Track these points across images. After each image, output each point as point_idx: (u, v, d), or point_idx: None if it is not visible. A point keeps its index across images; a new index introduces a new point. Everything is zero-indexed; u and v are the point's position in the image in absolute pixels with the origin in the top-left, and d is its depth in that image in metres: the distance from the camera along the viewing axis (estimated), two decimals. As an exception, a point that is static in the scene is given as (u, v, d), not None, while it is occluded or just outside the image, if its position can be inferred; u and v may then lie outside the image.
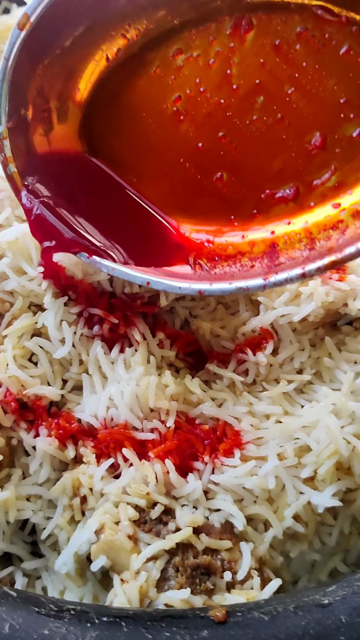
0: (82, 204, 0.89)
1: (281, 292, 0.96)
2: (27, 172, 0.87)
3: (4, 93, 0.84)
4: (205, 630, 0.60)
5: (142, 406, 0.88)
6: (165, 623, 0.61)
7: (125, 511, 0.79)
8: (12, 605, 0.61)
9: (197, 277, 0.86)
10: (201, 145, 0.84)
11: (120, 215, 0.91)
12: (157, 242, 0.91)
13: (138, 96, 0.88)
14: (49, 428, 0.87)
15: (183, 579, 0.74)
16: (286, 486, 0.83)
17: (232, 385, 0.97)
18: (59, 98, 0.89)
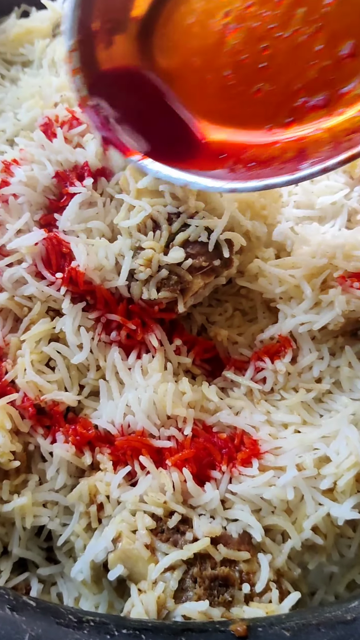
0: (135, 115, 0.94)
1: (300, 300, 0.95)
2: (92, 86, 0.92)
3: (75, 5, 0.88)
4: (227, 646, 0.59)
5: (159, 413, 0.88)
6: (185, 637, 0.60)
7: (143, 520, 0.78)
8: (32, 616, 0.60)
9: (231, 179, 0.90)
10: (244, 58, 0.89)
11: (166, 124, 0.96)
12: (199, 150, 0.95)
13: (191, 12, 0.92)
14: (66, 434, 0.87)
15: (201, 590, 0.73)
16: (305, 497, 0.82)
17: (249, 393, 0.96)
18: (120, 14, 0.93)
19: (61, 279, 0.91)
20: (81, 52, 0.91)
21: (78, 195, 0.97)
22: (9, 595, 0.63)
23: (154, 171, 0.90)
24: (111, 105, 0.93)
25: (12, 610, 0.60)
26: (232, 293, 1.06)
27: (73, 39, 0.90)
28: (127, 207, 0.96)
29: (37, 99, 1.17)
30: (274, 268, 0.97)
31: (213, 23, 0.91)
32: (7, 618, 0.59)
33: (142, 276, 0.92)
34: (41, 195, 1.01)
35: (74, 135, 1.07)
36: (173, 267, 0.92)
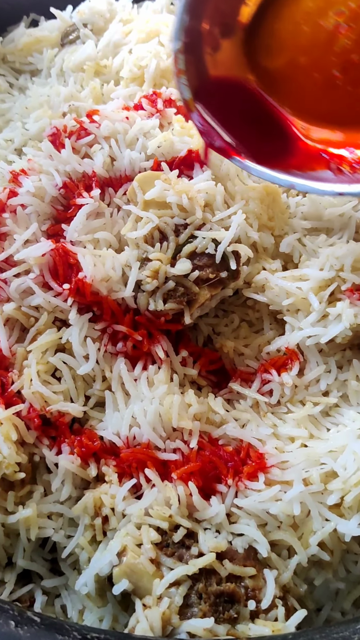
0: (236, 118, 0.97)
1: (308, 312, 0.95)
2: (196, 90, 0.93)
3: (185, 7, 0.87)
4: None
5: (165, 425, 0.87)
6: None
7: (148, 534, 0.78)
8: (36, 632, 0.60)
9: (338, 181, 0.91)
10: (355, 58, 0.89)
11: (267, 126, 0.97)
12: (301, 150, 0.96)
13: (301, 11, 0.91)
14: (72, 445, 0.86)
15: (206, 606, 0.72)
16: (312, 513, 0.82)
17: (255, 405, 0.95)
18: (229, 18, 0.93)
19: (68, 289, 0.91)
20: (187, 54, 0.91)
21: (85, 206, 0.97)
22: (14, 610, 0.63)
23: (258, 171, 0.92)
24: (214, 109, 0.94)
25: (17, 626, 0.60)
26: (238, 304, 1.05)
27: (181, 40, 0.89)
28: (135, 218, 0.96)
29: (46, 108, 1.17)
30: (281, 280, 0.96)
31: (324, 22, 0.90)
32: (11, 634, 0.59)
33: (149, 287, 0.92)
34: (49, 205, 1.01)
35: (82, 146, 1.07)
36: (180, 279, 0.92)
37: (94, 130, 1.07)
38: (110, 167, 1.06)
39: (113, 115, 1.10)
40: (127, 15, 1.38)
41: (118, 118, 1.10)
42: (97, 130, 1.07)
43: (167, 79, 1.24)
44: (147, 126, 1.09)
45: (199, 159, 1.05)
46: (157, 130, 1.09)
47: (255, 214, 1.02)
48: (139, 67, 1.24)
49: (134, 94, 1.22)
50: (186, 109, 0.95)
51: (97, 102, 1.22)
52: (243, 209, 1.00)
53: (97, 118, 1.09)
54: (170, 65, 1.25)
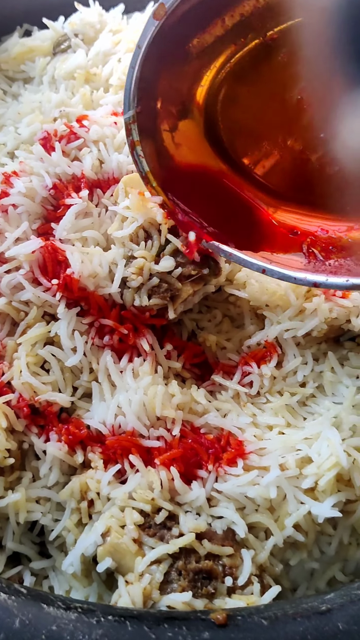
0: (201, 201, 0.94)
1: (286, 307, 1.00)
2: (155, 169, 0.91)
3: (135, 79, 0.86)
4: (207, 632, 0.62)
5: (149, 414, 0.91)
6: (168, 624, 0.63)
7: (131, 515, 0.82)
8: (22, 602, 0.64)
9: (311, 269, 0.88)
10: (323, 136, 0.85)
11: (235, 208, 0.95)
12: (272, 231, 0.94)
13: (257, 91, 0.90)
14: (59, 433, 0.90)
15: (185, 582, 0.76)
16: (287, 496, 0.86)
17: (236, 396, 1.00)
18: (184, 98, 0.91)
19: (57, 285, 0.95)
20: (140, 125, 0.89)
21: (74, 205, 1.02)
22: (2, 583, 0.66)
23: (227, 253, 0.90)
24: (176, 190, 0.92)
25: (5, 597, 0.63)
26: (221, 300, 1.10)
27: (133, 109, 0.88)
28: (120, 218, 1.01)
29: (37, 113, 1.22)
30: (261, 277, 1.01)
31: (287, 98, 0.86)
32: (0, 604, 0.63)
33: (134, 284, 0.97)
34: (39, 205, 1.05)
35: (72, 149, 1.12)
36: (163, 275, 0.97)
37: (83, 135, 1.12)
38: (98, 170, 1.11)
39: (102, 120, 1.15)
40: (116, 26, 1.44)
41: (107, 123, 1.15)
42: (87, 135, 1.12)
43: (155, 87, 1.29)
44: (134, 131, 1.13)
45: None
46: (144, 134, 1.14)
47: (237, 214, 1.07)
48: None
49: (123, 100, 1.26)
50: (145, 183, 0.93)
51: (87, 108, 1.27)
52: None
53: (86, 123, 1.15)
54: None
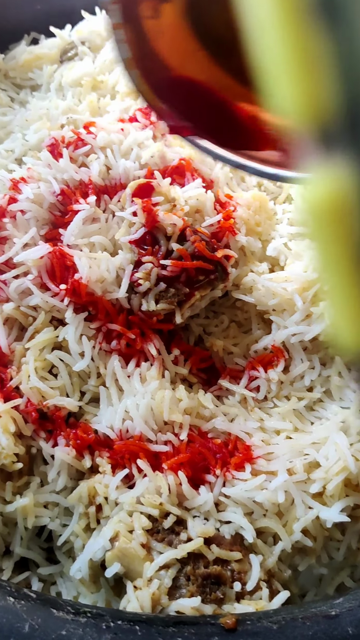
0: (180, 96, 0.89)
1: (293, 312, 1.00)
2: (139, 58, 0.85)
3: None
4: (216, 636, 0.62)
5: (156, 419, 0.91)
6: (176, 628, 0.63)
7: (139, 520, 0.82)
8: (32, 606, 0.64)
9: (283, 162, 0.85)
10: None
11: (213, 103, 0.90)
12: (251, 131, 0.89)
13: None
14: (67, 438, 0.91)
15: (194, 587, 0.76)
16: (295, 501, 0.86)
17: (243, 400, 1.00)
18: None
19: (65, 290, 0.96)
20: (122, 7, 0.81)
21: (82, 211, 1.03)
22: (11, 587, 0.66)
23: (207, 150, 0.87)
24: (156, 82, 0.87)
25: (14, 601, 0.64)
26: (228, 305, 1.10)
27: None
28: (128, 223, 1.01)
29: (45, 120, 1.23)
30: (268, 281, 1.01)
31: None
32: (9, 608, 0.63)
33: (142, 289, 0.97)
34: (47, 211, 1.06)
35: (79, 155, 1.13)
36: (171, 281, 0.97)
37: (90, 141, 1.13)
38: (105, 176, 1.11)
39: (109, 126, 1.16)
40: (123, 34, 1.45)
41: (113, 129, 1.16)
42: (94, 141, 1.13)
43: (161, 93, 1.30)
44: (141, 137, 1.14)
45: (190, 168, 1.11)
46: (150, 141, 1.15)
47: (243, 219, 1.07)
48: (133, 82, 1.30)
49: (129, 107, 1.28)
50: (126, 69, 0.86)
51: (94, 115, 1.28)
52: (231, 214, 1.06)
53: (93, 129, 1.15)
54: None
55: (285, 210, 1.16)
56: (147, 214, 0.97)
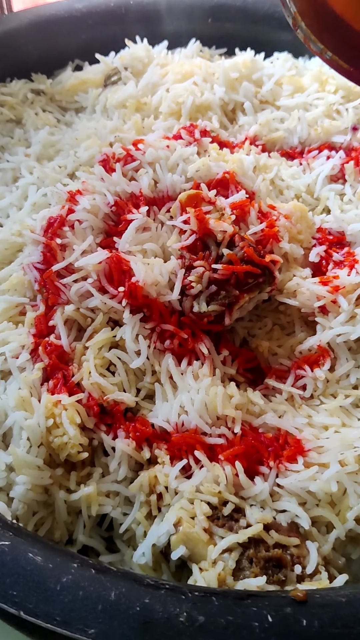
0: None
1: (337, 314, 1.05)
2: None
3: None
4: (289, 607, 0.66)
5: (210, 413, 0.96)
6: (251, 599, 0.67)
7: (200, 507, 0.86)
8: (115, 577, 0.68)
9: None
10: None
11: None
12: None
13: None
14: (127, 431, 0.95)
15: (257, 569, 0.80)
16: (348, 490, 0.89)
17: (290, 398, 1.04)
18: None
19: (122, 292, 1.01)
20: None
21: (135, 220, 1.09)
22: (93, 561, 0.71)
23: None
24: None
25: (98, 572, 0.68)
26: (271, 309, 1.15)
27: None
28: (178, 231, 1.08)
29: (94, 139, 1.31)
30: (312, 285, 1.07)
31: None
32: (94, 578, 0.67)
33: (194, 291, 1.03)
34: (102, 221, 1.13)
35: (129, 170, 1.20)
36: (221, 283, 1.03)
37: (139, 157, 1.20)
38: (154, 189, 1.18)
39: (156, 143, 1.24)
40: (163, 60, 1.55)
41: (160, 146, 1.23)
42: (142, 157, 1.20)
43: (202, 114, 1.39)
44: (186, 153, 1.22)
45: (234, 180, 1.18)
46: (195, 156, 1.22)
47: (286, 227, 1.13)
48: (176, 103, 1.39)
49: (172, 126, 1.36)
50: (292, 26, 0.97)
51: (139, 134, 1.36)
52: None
53: (141, 146, 1.23)
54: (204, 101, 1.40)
55: (324, 220, 1.22)
56: (199, 221, 1.03)
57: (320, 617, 0.64)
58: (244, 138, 1.38)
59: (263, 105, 1.47)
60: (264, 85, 1.48)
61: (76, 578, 0.66)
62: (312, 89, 1.45)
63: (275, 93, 1.47)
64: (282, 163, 1.34)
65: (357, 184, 1.26)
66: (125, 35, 1.58)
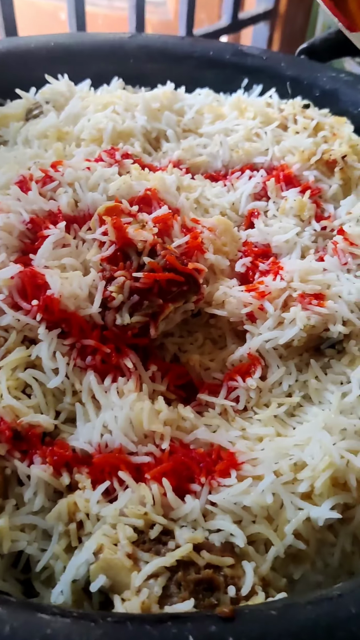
0: None
1: (265, 320, 1.02)
2: None
3: None
4: (213, 625, 0.57)
5: (136, 430, 0.89)
6: (171, 622, 0.58)
7: (124, 531, 0.77)
8: (13, 609, 0.57)
9: None
10: None
11: None
12: None
13: None
14: (43, 456, 0.86)
15: (186, 593, 0.71)
16: (284, 502, 0.83)
17: (224, 412, 0.98)
18: None
19: (37, 306, 0.95)
20: None
21: (52, 235, 1.05)
22: (-13, 595, 0.60)
23: None
24: None
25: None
26: (201, 324, 1.11)
27: None
28: (97, 244, 1.03)
29: (13, 164, 1.27)
30: (238, 292, 1.03)
31: None
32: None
33: (115, 303, 0.97)
34: (17, 239, 1.07)
35: (47, 191, 1.16)
36: (144, 293, 0.98)
37: (58, 177, 1.17)
38: (74, 208, 1.15)
39: (75, 165, 1.22)
40: (84, 94, 1.56)
41: (80, 167, 1.21)
42: (61, 177, 1.17)
43: (124, 140, 1.39)
44: (107, 173, 1.19)
45: (156, 197, 1.16)
46: (116, 176, 1.20)
47: (210, 239, 1.11)
48: (97, 130, 1.38)
49: (94, 152, 1.34)
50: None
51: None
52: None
53: (60, 168, 1.20)
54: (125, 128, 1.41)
55: (249, 234, 1.21)
56: (117, 230, 1.00)
57: (248, 635, 0.56)
58: (168, 162, 1.38)
59: (186, 133, 1.49)
60: (185, 115, 1.50)
61: (-36, 615, 0.56)
62: (232, 116, 1.48)
63: (197, 121, 1.49)
64: (206, 184, 1.33)
65: (279, 200, 1.27)
66: (48, 75, 1.59)
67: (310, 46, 1.89)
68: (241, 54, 1.80)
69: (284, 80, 1.71)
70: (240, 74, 1.76)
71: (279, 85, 1.68)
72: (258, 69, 1.76)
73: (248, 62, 1.77)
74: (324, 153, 1.31)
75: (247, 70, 1.76)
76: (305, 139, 1.37)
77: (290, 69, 1.75)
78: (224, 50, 1.82)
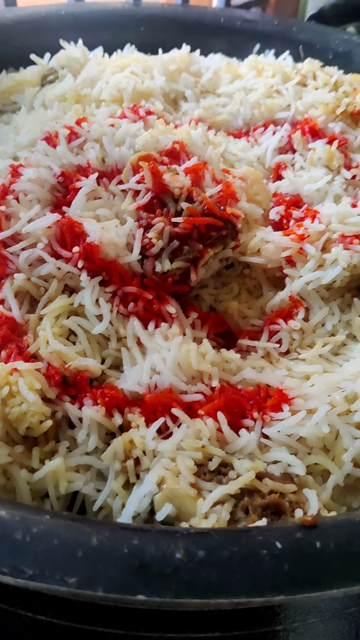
0: None
1: (305, 262, 1.01)
2: None
3: None
4: (298, 532, 0.57)
5: (185, 371, 0.88)
6: (255, 531, 0.58)
7: (184, 462, 0.76)
8: (96, 524, 0.57)
9: None
10: None
11: None
12: None
13: None
14: (94, 398, 0.86)
15: (255, 517, 0.70)
16: (340, 432, 0.82)
17: (267, 356, 0.98)
18: None
19: (78, 253, 0.94)
20: None
21: (85, 187, 1.03)
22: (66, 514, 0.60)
23: None
24: None
25: (75, 521, 0.57)
26: (235, 275, 1.10)
27: None
28: (132, 194, 1.02)
29: (35, 123, 1.26)
30: (277, 237, 1.03)
31: None
32: (71, 526, 0.56)
33: (155, 249, 0.97)
34: (49, 193, 1.06)
35: (74, 147, 1.15)
36: (183, 238, 0.97)
37: (84, 134, 1.16)
38: (102, 164, 1.13)
39: (100, 121, 1.20)
40: (100, 59, 1.54)
41: (105, 124, 1.20)
42: (87, 134, 1.16)
43: (145, 99, 1.38)
44: (132, 129, 1.18)
45: (184, 150, 1.15)
46: (142, 131, 1.19)
47: (242, 188, 1.10)
48: (117, 90, 1.37)
49: (115, 111, 1.33)
50: None
51: (82, 121, 1.32)
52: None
53: (85, 125, 1.19)
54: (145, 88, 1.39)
55: (279, 186, 1.20)
56: (154, 176, 0.99)
57: (336, 538, 0.56)
58: (189, 121, 1.37)
59: (204, 94, 1.48)
60: (203, 76, 1.49)
61: (49, 527, 0.55)
62: (250, 75, 1.48)
63: (215, 82, 1.49)
64: (229, 140, 1.33)
65: (306, 152, 1.26)
66: (59, 44, 1.58)
67: (320, 12, 1.89)
68: (252, 21, 1.80)
69: (296, 45, 1.71)
70: (251, 39, 1.75)
71: (291, 50, 1.68)
72: (269, 34, 1.76)
73: (259, 27, 1.77)
74: (348, 105, 1.30)
75: (258, 35, 1.75)
76: (327, 94, 1.36)
77: (302, 34, 1.75)
78: (235, 17, 1.81)
